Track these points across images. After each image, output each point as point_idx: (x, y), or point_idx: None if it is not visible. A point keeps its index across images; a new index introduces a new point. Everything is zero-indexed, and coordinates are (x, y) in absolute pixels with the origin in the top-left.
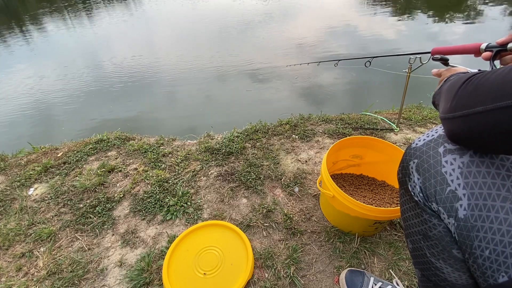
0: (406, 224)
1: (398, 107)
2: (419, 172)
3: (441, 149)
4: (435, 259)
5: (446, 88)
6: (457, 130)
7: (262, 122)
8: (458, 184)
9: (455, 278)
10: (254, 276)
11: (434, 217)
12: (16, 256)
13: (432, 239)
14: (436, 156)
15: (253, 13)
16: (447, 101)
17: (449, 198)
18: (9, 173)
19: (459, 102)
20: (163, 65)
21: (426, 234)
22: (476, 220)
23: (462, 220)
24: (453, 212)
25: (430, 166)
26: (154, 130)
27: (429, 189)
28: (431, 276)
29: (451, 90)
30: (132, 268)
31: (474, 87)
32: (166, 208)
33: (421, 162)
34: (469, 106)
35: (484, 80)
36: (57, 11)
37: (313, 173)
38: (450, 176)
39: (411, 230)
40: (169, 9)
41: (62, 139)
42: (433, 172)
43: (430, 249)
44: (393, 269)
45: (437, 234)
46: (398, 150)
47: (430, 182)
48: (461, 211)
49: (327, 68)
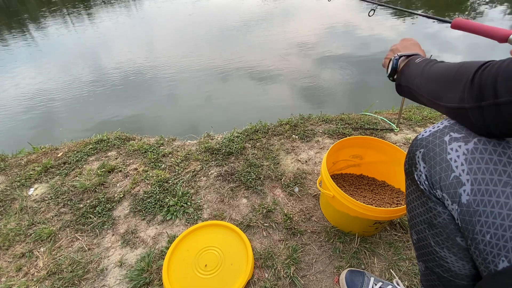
0: (411, 214)
1: (398, 107)
2: (425, 161)
3: (447, 137)
4: (439, 248)
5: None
6: (484, 119)
7: (262, 122)
8: (462, 170)
9: (458, 268)
10: (254, 276)
11: (439, 205)
12: (16, 256)
13: (437, 227)
14: (441, 145)
15: (253, 13)
16: (456, 89)
17: (453, 184)
18: (9, 173)
19: (481, 92)
20: (163, 65)
21: (431, 222)
22: (478, 205)
23: (465, 205)
24: (457, 197)
25: (435, 154)
26: (154, 130)
27: (434, 177)
28: (435, 268)
29: (457, 77)
30: (132, 268)
31: (493, 76)
32: (166, 208)
33: (427, 151)
34: (493, 96)
35: (505, 67)
36: (57, 11)
37: (313, 173)
38: (455, 162)
39: (416, 220)
40: (169, 9)
41: (62, 139)
42: (439, 159)
43: (434, 237)
44: (393, 269)
45: (441, 222)
46: (398, 150)
47: (435, 170)
48: (464, 197)
49: (327, 68)
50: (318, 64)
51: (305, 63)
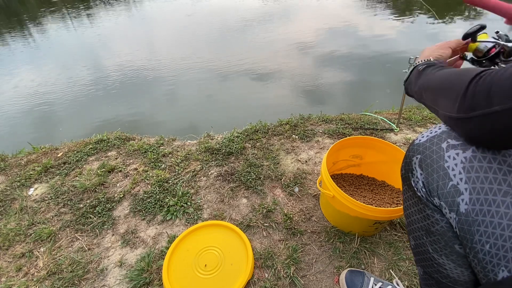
0: (409, 220)
1: (398, 107)
2: (422, 168)
3: (444, 144)
4: (437, 255)
5: (441, 81)
6: (474, 130)
7: (262, 122)
8: (460, 178)
9: (457, 274)
10: (254, 276)
11: (436, 212)
12: (16, 256)
13: (434, 235)
14: (439, 151)
15: (253, 13)
16: (452, 98)
17: (451, 192)
18: (9, 173)
19: (474, 102)
20: (163, 65)
21: (429, 229)
22: (477, 215)
23: (463, 214)
24: (455, 206)
25: (433, 161)
26: (154, 130)
27: (431, 184)
28: (434, 273)
29: (454, 86)
30: (132, 268)
31: (487, 86)
32: (166, 208)
33: (424, 158)
34: (486, 106)
35: (498, 78)
36: (57, 11)
37: (313, 173)
38: (453, 170)
39: (414, 226)
40: (169, 9)
41: (62, 139)
42: (436, 167)
43: (432, 244)
44: (393, 269)
45: (439, 230)
46: (398, 150)
47: (432, 177)
48: (463, 206)
49: (327, 67)
50: (318, 64)
51: (305, 63)
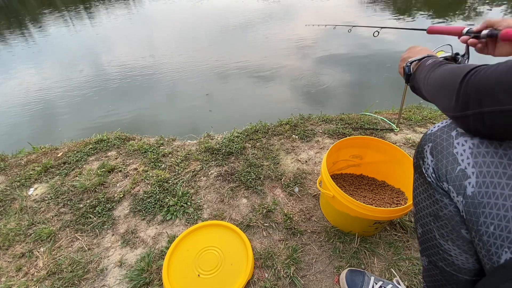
0: (418, 207)
1: (398, 107)
2: (432, 154)
3: (453, 132)
4: (444, 241)
5: (437, 81)
6: (471, 127)
7: (262, 122)
8: (468, 163)
9: (462, 262)
10: (254, 276)
11: (445, 197)
12: (16, 256)
13: (442, 219)
14: (449, 139)
15: (254, 13)
16: (448, 97)
17: (459, 176)
18: (9, 173)
19: (465, 100)
20: (163, 65)
21: (437, 214)
22: (483, 197)
23: (470, 197)
24: (462, 189)
25: (443, 148)
26: (154, 130)
27: (441, 169)
28: (438, 261)
29: (448, 85)
30: (132, 268)
31: (476, 86)
32: (166, 208)
33: (435, 145)
34: (477, 106)
35: (487, 77)
36: (57, 11)
37: (313, 173)
38: (461, 156)
39: (422, 213)
40: (169, 9)
41: (62, 139)
42: (446, 153)
43: (439, 229)
44: (393, 269)
45: (447, 214)
46: (398, 150)
47: (442, 163)
48: (469, 189)
49: (327, 68)
50: (318, 64)
51: (305, 63)
